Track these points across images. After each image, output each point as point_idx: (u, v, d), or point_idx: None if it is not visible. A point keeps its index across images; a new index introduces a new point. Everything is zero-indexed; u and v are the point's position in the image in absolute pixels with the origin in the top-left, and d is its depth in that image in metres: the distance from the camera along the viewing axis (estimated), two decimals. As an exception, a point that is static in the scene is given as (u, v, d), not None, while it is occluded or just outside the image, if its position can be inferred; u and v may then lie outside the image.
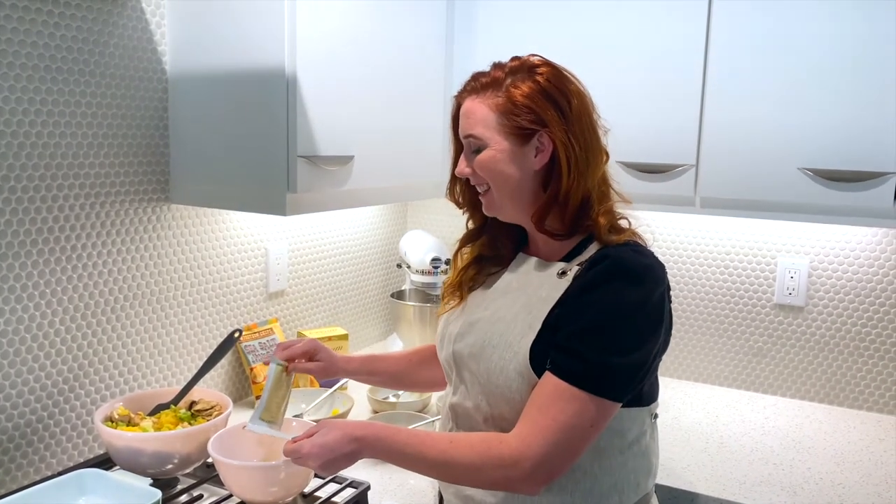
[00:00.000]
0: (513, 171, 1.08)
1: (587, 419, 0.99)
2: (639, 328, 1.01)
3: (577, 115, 1.06)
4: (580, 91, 1.09)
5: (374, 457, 1.06)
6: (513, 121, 1.06)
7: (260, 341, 1.83)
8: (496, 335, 1.09)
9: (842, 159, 1.54)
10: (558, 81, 1.07)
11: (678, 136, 1.69)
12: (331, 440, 1.04)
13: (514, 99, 1.06)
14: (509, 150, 1.08)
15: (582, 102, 1.08)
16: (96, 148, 1.42)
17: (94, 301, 1.45)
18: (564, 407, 0.99)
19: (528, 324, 1.06)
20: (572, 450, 1.00)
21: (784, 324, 1.98)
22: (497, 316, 1.11)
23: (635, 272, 1.02)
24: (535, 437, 0.99)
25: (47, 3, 1.31)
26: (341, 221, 2.14)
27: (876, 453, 1.64)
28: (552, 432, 0.99)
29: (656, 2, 1.68)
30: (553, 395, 1.00)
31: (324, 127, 1.46)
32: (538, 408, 1.01)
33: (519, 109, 1.05)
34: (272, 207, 1.45)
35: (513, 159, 1.08)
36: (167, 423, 1.33)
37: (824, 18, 1.53)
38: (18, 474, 1.34)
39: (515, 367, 1.05)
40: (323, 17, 1.45)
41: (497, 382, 1.07)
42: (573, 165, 1.05)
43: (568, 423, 0.99)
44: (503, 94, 1.07)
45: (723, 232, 2.03)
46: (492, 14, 1.88)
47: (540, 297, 1.08)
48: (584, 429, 0.99)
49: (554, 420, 0.99)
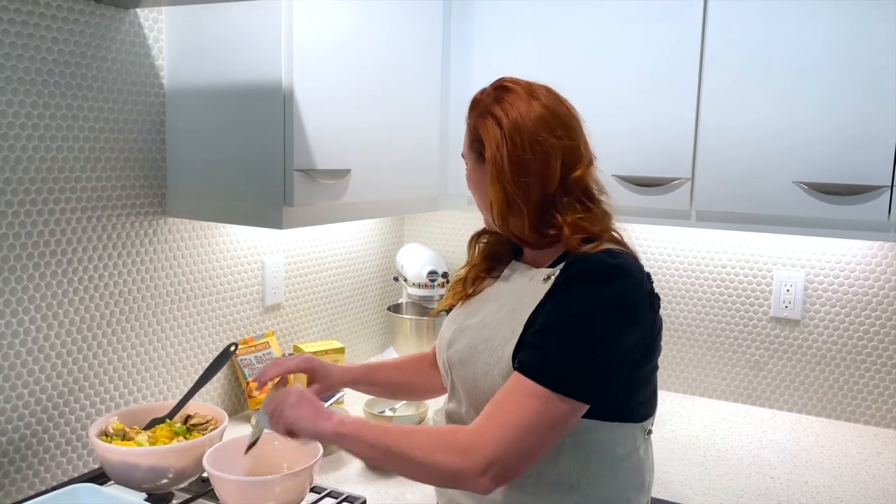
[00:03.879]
0: (481, 188, 1.16)
1: (546, 418, 0.97)
2: (605, 327, 1.00)
3: (512, 132, 1.08)
4: (524, 109, 1.10)
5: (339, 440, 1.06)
6: (472, 138, 1.16)
7: (256, 355, 1.82)
8: (482, 341, 1.10)
9: (837, 173, 1.55)
10: (487, 102, 1.13)
11: (674, 150, 1.70)
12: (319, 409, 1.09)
13: (472, 121, 1.16)
14: (472, 166, 1.18)
15: (524, 121, 1.09)
16: (93, 161, 1.43)
17: (90, 314, 1.45)
18: (523, 403, 0.98)
19: (512, 329, 1.07)
20: (527, 449, 0.97)
21: (780, 337, 1.98)
22: (484, 322, 1.13)
23: (604, 272, 1.02)
24: (489, 431, 0.97)
25: (45, 17, 1.32)
26: (338, 235, 2.14)
27: (873, 467, 1.64)
28: (508, 428, 0.97)
29: (652, 19, 1.70)
30: (513, 391, 0.99)
31: (320, 141, 1.47)
32: (497, 404, 1.00)
33: (474, 128, 1.15)
34: (269, 221, 1.45)
35: (477, 173, 1.17)
36: (162, 437, 1.33)
37: (818, 33, 1.55)
38: (12, 489, 1.33)
39: (499, 371, 1.06)
40: (320, 32, 1.46)
41: (482, 388, 1.08)
42: (498, 177, 1.09)
43: (524, 420, 0.97)
44: (470, 119, 1.17)
45: (718, 245, 2.03)
46: (488, 30, 1.90)
47: (524, 303, 1.09)
48: (541, 426, 0.97)
49: (510, 415, 0.97)
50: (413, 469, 1.03)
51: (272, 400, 1.14)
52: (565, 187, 1.10)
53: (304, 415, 1.09)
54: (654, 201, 1.72)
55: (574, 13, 1.78)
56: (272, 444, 1.32)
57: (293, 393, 1.13)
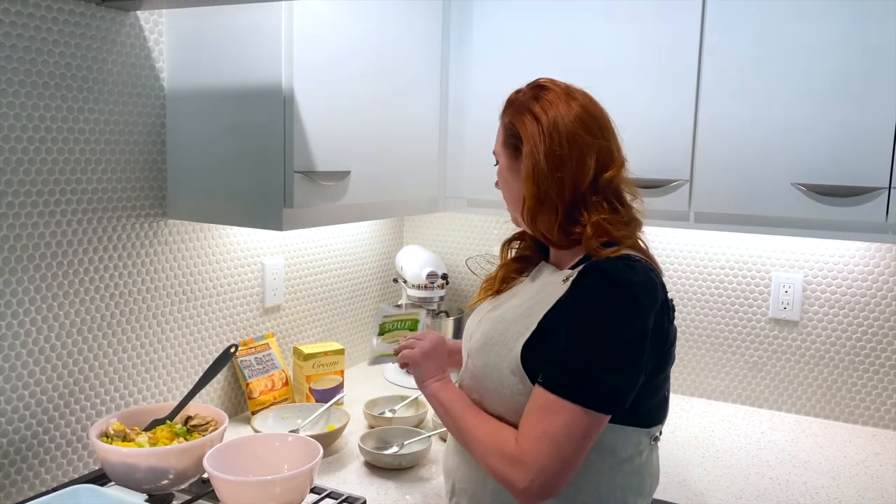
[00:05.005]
0: (513, 185, 1.19)
1: (578, 430, 1.00)
2: (625, 342, 1.02)
3: (551, 129, 1.11)
4: (562, 108, 1.12)
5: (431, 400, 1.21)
6: (504, 136, 1.20)
7: (256, 356, 1.83)
8: (497, 333, 1.13)
9: (835, 174, 1.55)
10: (525, 99, 1.16)
11: (672, 152, 1.71)
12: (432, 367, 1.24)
13: (507, 117, 1.19)
14: (505, 163, 1.20)
15: (562, 118, 1.11)
16: (94, 164, 1.43)
17: (91, 316, 1.45)
18: (554, 419, 1.01)
19: (527, 326, 1.09)
20: (567, 461, 1.01)
21: (779, 338, 1.98)
22: (503, 316, 1.16)
23: (623, 287, 1.02)
24: (529, 446, 1.02)
25: (46, 20, 1.32)
26: (338, 237, 2.14)
27: (872, 468, 1.65)
28: (544, 444, 1.00)
29: (650, 16, 1.71)
30: (543, 407, 1.02)
31: (320, 142, 1.47)
32: (531, 421, 1.03)
33: (510, 125, 1.18)
34: (269, 223, 1.46)
35: (510, 171, 1.19)
36: (163, 438, 1.33)
37: (816, 35, 1.55)
38: (13, 490, 1.33)
39: (508, 364, 1.09)
40: (320, 34, 1.46)
41: (491, 377, 1.11)
42: (534, 171, 1.11)
43: (559, 435, 1.00)
44: (505, 117, 1.20)
45: (717, 247, 2.04)
46: (487, 33, 1.90)
47: (542, 302, 1.11)
48: (576, 439, 1.01)
49: (545, 432, 1.01)
50: (476, 458, 1.11)
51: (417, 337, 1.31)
52: (596, 187, 1.12)
53: (422, 366, 1.25)
54: (653, 203, 1.72)
55: (572, 15, 1.79)
56: (272, 444, 1.33)
57: (429, 341, 1.28)
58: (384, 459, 1.55)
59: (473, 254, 2.34)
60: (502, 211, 1.25)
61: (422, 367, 1.24)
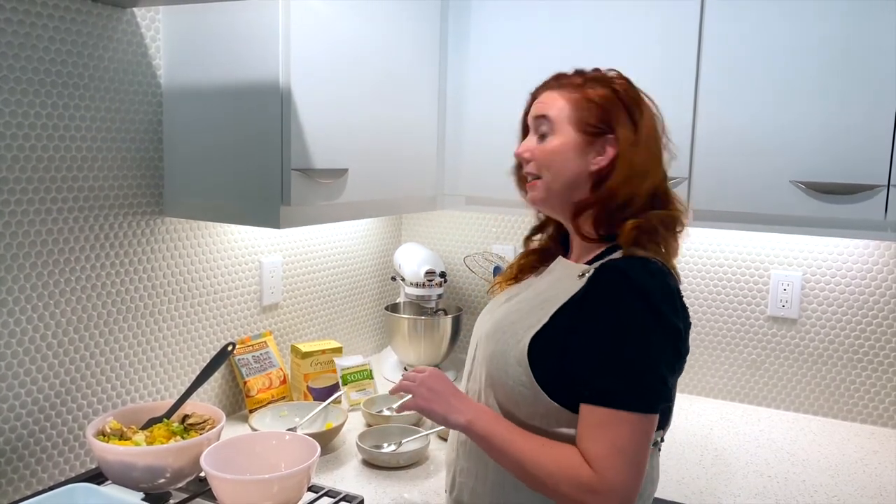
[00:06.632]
0: (572, 165, 1.13)
1: (643, 436, 1.01)
2: (656, 340, 1.02)
3: (645, 129, 1.12)
4: (651, 109, 1.15)
5: (471, 438, 1.10)
6: (585, 117, 1.12)
7: (254, 354, 1.82)
8: (509, 323, 1.13)
9: (833, 172, 1.55)
10: (633, 93, 1.14)
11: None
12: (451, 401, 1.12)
13: (589, 97, 1.12)
14: (574, 144, 1.13)
15: (651, 119, 1.14)
16: (90, 161, 1.42)
17: (87, 314, 1.44)
18: (618, 432, 1.00)
19: (538, 318, 1.09)
20: (641, 469, 1.01)
21: (778, 336, 1.98)
22: (516, 307, 1.15)
23: (642, 286, 1.02)
24: (605, 470, 0.99)
25: (42, 16, 1.32)
26: (335, 234, 2.14)
27: (871, 465, 1.64)
28: (618, 460, 0.99)
29: (649, 14, 1.70)
30: (602, 423, 1.01)
31: (318, 140, 1.47)
32: (594, 440, 1.01)
33: (592, 108, 1.12)
34: (266, 220, 1.45)
35: (576, 153, 1.12)
36: (160, 437, 1.32)
37: (815, 32, 1.55)
38: (9, 489, 1.33)
39: (515, 354, 1.08)
40: (317, 31, 1.46)
41: (497, 365, 1.11)
42: (631, 174, 1.09)
43: (628, 447, 1.00)
44: (579, 92, 1.14)
45: (715, 244, 2.03)
46: (484, 27, 1.90)
47: (555, 296, 1.11)
48: (643, 446, 1.01)
49: (613, 448, 0.99)
50: (535, 486, 1.05)
51: (411, 379, 1.19)
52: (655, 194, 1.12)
53: (435, 408, 1.13)
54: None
55: (570, 13, 1.79)
56: (270, 443, 1.32)
57: (426, 382, 1.16)
58: (382, 458, 1.55)
59: (471, 252, 2.34)
60: (501, 209, 1.25)
61: (433, 404, 1.14)
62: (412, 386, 1.17)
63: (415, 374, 1.20)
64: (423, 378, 1.17)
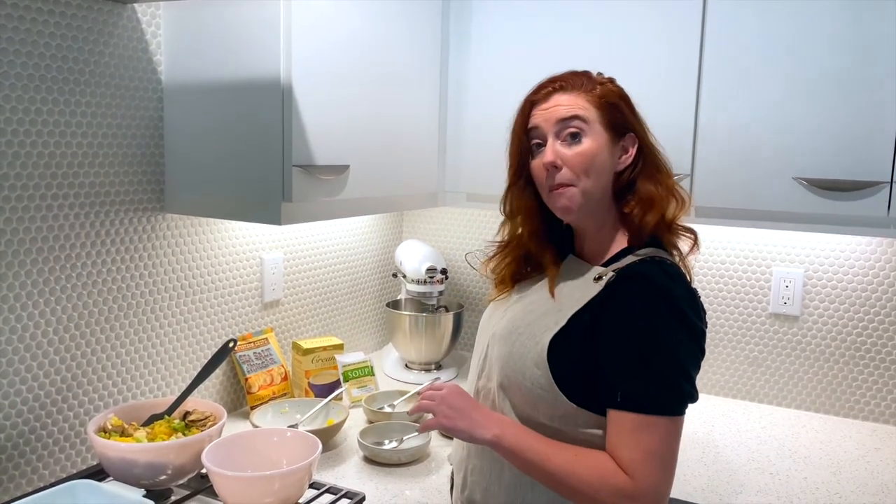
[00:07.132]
0: (608, 167, 1.11)
1: (674, 439, 1.03)
2: (683, 342, 1.03)
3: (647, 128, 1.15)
4: None
5: (499, 452, 1.07)
6: (609, 116, 1.11)
7: (255, 351, 1.82)
8: (524, 324, 1.12)
9: (836, 169, 1.55)
10: (624, 91, 1.16)
11: (673, 147, 1.67)
12: (474, 416, 1.09)
13: (605, 97, 1.11)
14: (607, 144, 1.11)
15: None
16: (91, 157, 1.42)
17: (88, 311, 1.44)
18: (651, 437, 1.01)
19: (555, 321, 1.09)
20: (672, 471, 1.03)
21: (779, 333, 1.98)
22: (531, 308, 1.15)
23: (666, 291, 1.03)
24: (642, 475, 1.00)
25: (42, 12, 1.31)
26: (337, 231, 2.13)
27: (872, 462, 1.64)
28: (653, 465, 1.00)
29: (651, 12, 1.70)
30: (635, 428, 1.01)
31: (319, 136, 1.46)
32: (627, 446, 1.01)
33: (612, 107, 1.11)
34: (267, 217, 1.45)
35: (610, 154, 1.11)
36: (161, 433, 1.32)
37: (817, 29, 1.55)
38: (10, 486, 1.33)
39: (533, 356, 1.07)
40: (319, 27, 1.45)
41: (514, 367, 1.10)
42: (656, 170, 1.12)
43: (661, 451, 1.01)
44: (593, 93, 1.11)
45: (718, 241, 2.03)
46: (485, 25, 1.89)
47: (573, 298, 1.10)
48: (674, 448, 1.03)
49: (648, 452, 1.00)
50: (571, 495, 1.05)
51: (430, 398, 1.15)
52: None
53: (459, 426, 1.09)
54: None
55: (571, 12, 1.78)
56: (271, 439, 1.32)
57: (447, 400, 1.12)
58: (383, 454, 1.55)
59: (473, 248, 2.33)
60: (500, 206, 1.24)
61: (457, 422, 1.10)
62: (432, 405, 1.13)
63: (433, 392, 1.16)
64: (443, 396, 1.13)
